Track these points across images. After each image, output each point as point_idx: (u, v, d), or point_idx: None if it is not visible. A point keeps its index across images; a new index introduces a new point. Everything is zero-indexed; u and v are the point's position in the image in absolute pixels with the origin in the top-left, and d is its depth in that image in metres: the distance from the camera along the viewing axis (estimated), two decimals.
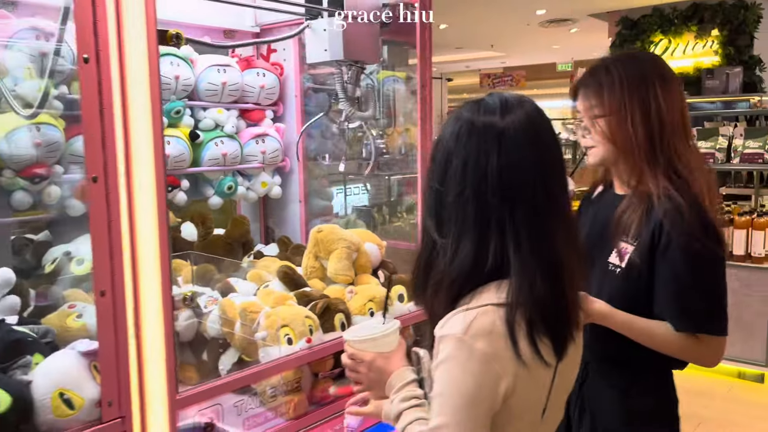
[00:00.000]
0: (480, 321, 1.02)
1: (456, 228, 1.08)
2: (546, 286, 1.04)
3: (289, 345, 1.79)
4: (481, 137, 1.07)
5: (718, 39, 8.22)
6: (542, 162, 1.08)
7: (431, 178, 1.13)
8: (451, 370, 1.03)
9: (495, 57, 13.96)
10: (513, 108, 1.09)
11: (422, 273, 1.15)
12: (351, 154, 2.70)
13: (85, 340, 1.44)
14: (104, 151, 1.32)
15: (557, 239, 1.07)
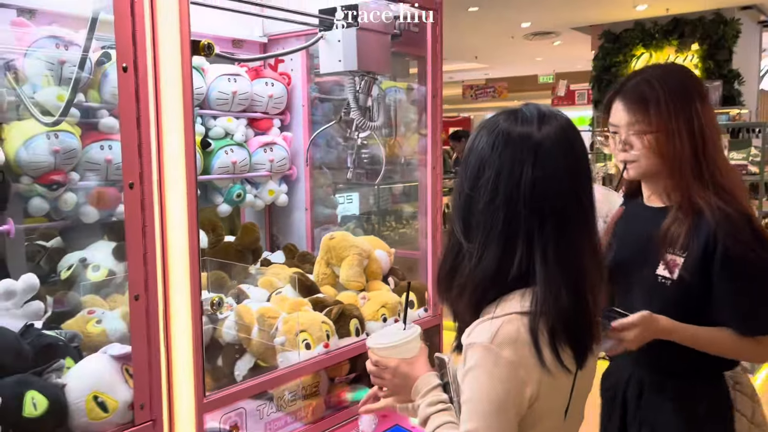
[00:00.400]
0: (505, 329, 1.07)
1: (483, 235, 1.11)
2: (570, 297, 1.08)
3: (308, 350, 1.81)
4: (516, 147, 1.10)
5: (698, 53, 8.43)
6: (574, 175, 1.12)
7: (462, 183, 1.16)
8: (479, 377, 1.08)
9: (478, 68, 14.11)
10: (549, 120, 1.12)
11: (447, 275, 1.19)
12: (358, 162, 2.74)
13: (116, 344, 1.46)
14: (140, 158, 1.34)
15: (583, 252, 1.12)
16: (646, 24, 8.70)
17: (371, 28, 2.08)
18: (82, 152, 1.88)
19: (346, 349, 1.90)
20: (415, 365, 1.30)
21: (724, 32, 8.17)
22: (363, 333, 2.00)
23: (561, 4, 8.00)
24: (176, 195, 1.42)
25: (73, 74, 1.80)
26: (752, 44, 9.10)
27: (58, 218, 1.92)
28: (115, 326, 1.72)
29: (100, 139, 1.92)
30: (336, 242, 2.13)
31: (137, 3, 1.31)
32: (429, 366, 1.31)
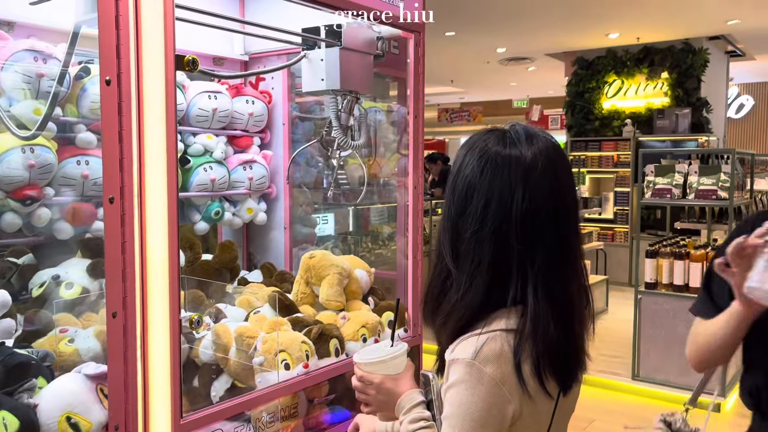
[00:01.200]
0: (489, 346, 1.06)
1: (472, 265, 1.09)
2: (559, 329, 1.07)
3: (287, 370, 1.79)
4: (506, 173, 1.07)
5: (667, 81, 8.65)
6: (563, 200, 1.10)
7: (450, 207, 1.14)
8: (461, 392, 1.06)
9: (454, 92, 14.29)
10: (537, 141, 1.10)
11: (434, 300, 1.17)
12: (336, 183, 2.74)
13: (92, 363, 1.42)
14: (122, 173, 1.32)
15: (571, 282, 1.11)
16: (618, 52, 8.92)
17: (354, 48, 2.09)
18: (58, 167, 1.85)
19: (326, 369, 1.87)
20: (400, 382, 1.29)
21: (693, 61, 8.41)
22: (343, 353, 1.98)
23: (535, 30, 8.17)
24: (157, 210, 1.39)
25: (51, 88, 1.78)
26: (720, 74, 9.39)
27: (31, 234, 1.87)
28: (88, 345, 1.67)
29: (77, 154, 1.89)
30: (316, 261, 2.12)
31: (122, 16, 1.29)
32: (414, 383, 1.30)
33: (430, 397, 1.25)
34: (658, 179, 5.02)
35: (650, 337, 4.92)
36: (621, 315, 6.98)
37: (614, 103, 9.03)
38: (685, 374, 4.82)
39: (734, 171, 4.69)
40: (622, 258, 8.57)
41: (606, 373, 5.17)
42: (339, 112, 2.17)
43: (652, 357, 4.93)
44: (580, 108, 9.23)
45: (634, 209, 8.51)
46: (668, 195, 4.94)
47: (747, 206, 5.42)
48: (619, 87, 8.99)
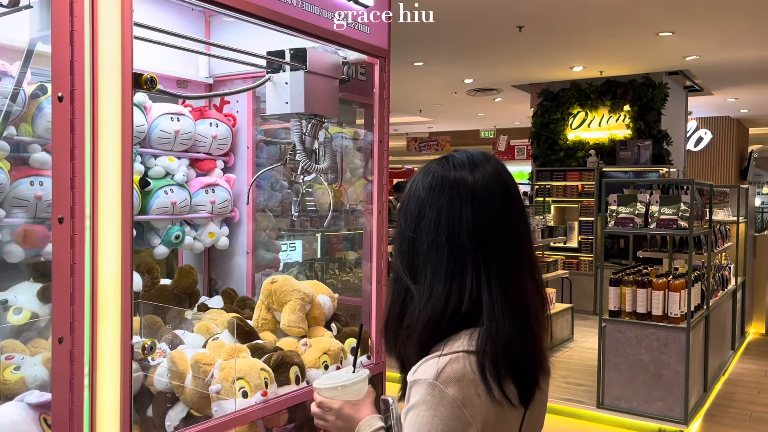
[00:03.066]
0: (451, 367, 1.04)
1: (431, 272, 1.11)
2: (514, 327, 1.08)
3: (245, 398, 1.73)
4: (453, 190, 1.12)
5: (629, 114, 8.88)
6: (511, 210, 1.14)
7: (404, 226, 1.17)
8: (421, 414, 1.04)
9: (422, 122, 14.44)
10: (481, 164, 1.16)
11: (395, 321, 1.17)
12: (302, 208, 2.71)
13: (35, 391, 1.35)
14: (72, 191, 1.28)
15: (525, 283, 1.12)
16: (582, 84, 9.14)
17: (319, 72, 2.08)
18: (10, 188, 1.78)
19: (286, 397, 1.82)
20: (360, 407, 1.27)
21: (653, 95, 8.66)
22: (303, 381, 1.93)
23: (502, 62, 8.34)
24: (110, 231, 1.35)
25: (3, 107, 1.73)
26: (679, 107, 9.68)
27: None
28: (35, 373, 1.60)
29: (30, 175, 1.83)
30: (278, 286, 2.08)
31: (77, 31, 1.26)
32: (374, 409, 1.28)
33: (390, 422, 1.22)
34: (621, 208, 5.11)
35: (614, 364, 4.95)
36: (586, 343, 7.02)
37: (578, 134, 9.22)
38: (648, 402, 4.85)
39: (694, 201, 4.80)
40: (586, 286, 8.66)
41: (572, 402, 5.17)
42: (303, 135, 2.16)
43: (616, 384, 4.96)
44: (546, 138, 9.40)
45: (598, 238, 8.64)
46: (631, 224, 5.02)
47: (706, 235, 5.53)
48: (583, 118, 9.19)
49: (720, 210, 6.70)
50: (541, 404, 1.18)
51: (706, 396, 5.42)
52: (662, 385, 4.80)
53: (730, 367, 6.50)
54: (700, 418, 5.05)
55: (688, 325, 4.70)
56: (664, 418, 4.76)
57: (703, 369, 5.34)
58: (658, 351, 4.79)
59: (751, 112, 13.13)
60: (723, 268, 6.33)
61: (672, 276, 4.92)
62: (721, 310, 6.07)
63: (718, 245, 6.00)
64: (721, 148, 13.98)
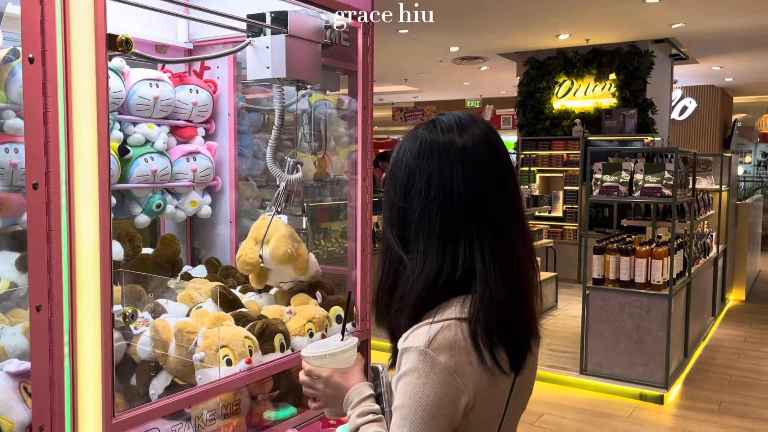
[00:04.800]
0: (443, 335, 1.04)
1: (423, 242, 1.10)
2: (507, 291, 1.07)
3: (229, 366, 1.72)
4: (443, 156, 1.10)
5: (615, 82, 8.86)
6: (502, 174, 1.12)
7: (393, 195, 1.14)
8: (413, 382, 1.03)
9: (408, 91, 14.32)
10: (469, 126, 1.13)
11: (387, 292, 1.15)
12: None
13: (14, 360, 1.33)
14: (47, 156, 1.24)
15: (517, 247, 1.12)
16: (568, 53, 9.09)
17: (301, 36, 2.04)
18: None
19: (271, 365, 1.82)
20: (349, 375, 1.26)
21: (639, 63, 8.63)
22: (288, 348, 1.93)
23: (488, 30, 8.25)
24: (87, 198, 1.32)
25: None
26: (664, 76, 9.66)
27: None
28: (15, 342, 1.58)
29: (5, 142, 1.78)
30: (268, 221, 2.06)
31: None
32: (364, 377, 1.27)
33: (380, 390, 1.22)
34: (605, 177, 5.12)
35: (597, 331, 5.02)
36: (570, 311, 7.11)
37: (564, 103, 9.20)
38: (629, 367, 4.93)
39: (677, 169, 4.82)
40: (571, 255, 8.73)
41: (555, 368, 5.24)
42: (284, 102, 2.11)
43: (599, 351, 5.03)
44: (531, 108, 9.37)
45: (582, 207, 8.69)
46: (615, 193, 5.04)
47: (689, 204, 5.58)
48: (568, 87, 9.16)
49: (703, 178, 6.75)
50: (531, 369, 1.18)
51: (687, 361, 5.52)
52: (644, 351, 4.87)
53: (710, 332, 6.62)
54: (680, 382, 5.15)
55: (670, 292, 4.76)
56: (645, 382, 4.85)
57: (683, 335, 5.43)
58: (641, 318, 4.86)
59: (735, 81, 13.16)
60: (705, 236, 6.39)
61: (655, 244, 4.97)
62: (702, 277, 6.15)
63: (700, 213, 6.06)
64: (706, 117, 14.04)
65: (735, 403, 4.76)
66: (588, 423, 4.40)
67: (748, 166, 17.84)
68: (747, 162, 18.03)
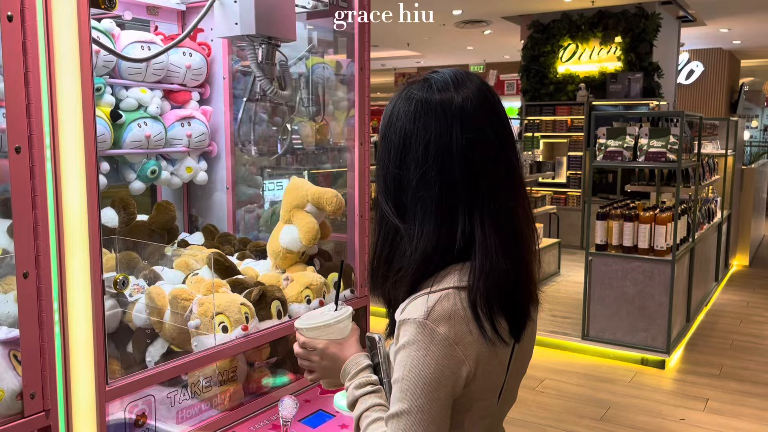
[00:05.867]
0: (442, 305, 1.01)
1: (420, 212, 1.05)
2: (508, 260, 1.04)
3: (225, 333, 1.71)
4: (440, 116, 1.04)
5: (620, 46, 8.71)
6: (500, 132, 1.08)
7: (387, 163, 1.09)
8: (412, 354, 1.01)
9: (411, 56, 14.13)
10: (465, 82, 1.08)
11: (384, 262, 1.11)
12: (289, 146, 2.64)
13: (3, 327, 1.31)
14: (29, 119, 1.20)
15: (517, 213, 1.08)
16: (573, 16, 8.92)
17: None
18: None
19: (267, 332, 1.80)
20: (345, 346, 1.23)
21: (646, 26, 8.47)
22: (285, 315, 1.91)
23: None
24: (73, 161, 1.28)
25: None
26: (671, 39, 9.49)
27: None
28: (7, 310, 1.56)
29: None
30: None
31: None
32: (360, 347, 1.24)
33: (377, 360, 1.18)
34: (609, 142, 5.05)
35: (600, 297, 5.01)
36: (572, 277, 7.10)
37: (569, 68, 9.06)
38: (631, 333, 4.93)
39: (683, 133, 4.75)
40: (574, 222, 8.70)
41: (557, 334, 5.26)
42: (261, 62, 2.02)
43: (601, 317, 5.03)
44: (535, 72, 9.23)
45: (586, 173, 8.61)
46: (619, 158, 4.98)
47: (694, 168, 5.51)
48: (573, 51, 9.01)
49: (709, 143, 6.66)
50: (530, 334, 1.16)
51: (689, 326, 5.53)
52: (646, 316, 4.87)
53: (713, 298, 6.62)
54: (682, 347, 5.16)
55: (673, 257, 4.74)
56: (646, 348, 4.86)
57: (686, 300, 5.42)
58: (643, 283, 4.85)
59: (743, 44, 12.93)
60: (710, 201, 6.34)
61: (659, 209, 4.92)
62: (706, 242, 6.12)
63: (705, 178, 6.00)
64: (712, 81, 13.84)
65: (736, 368, 4.77)
66: (589, 388, 4.42)
67: (754, 131, 17.65)
68: (753, 126, 17.83)
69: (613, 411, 4.05)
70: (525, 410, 4.02)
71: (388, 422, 1.03)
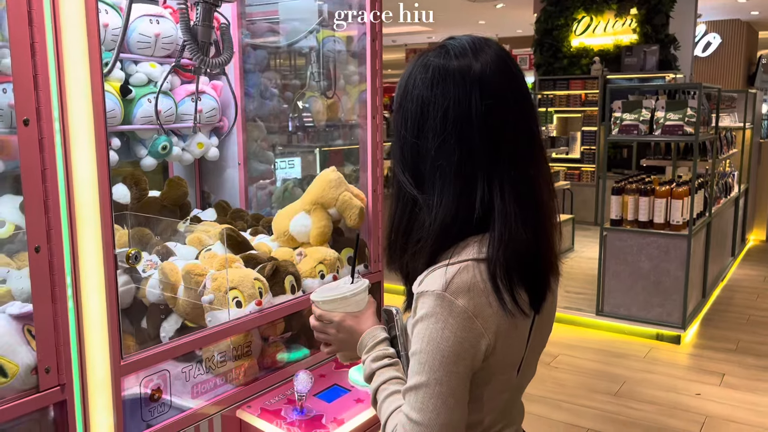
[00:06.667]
0: (461, 277, 0.98)
1: (439, 181, 1.02)
2: (528, 229, 1.01)
3: (238, 308, 1.70)
4: (458, 83, 1.01)
5: (636, 18, 8.53)
6: (521, 100, 1.04)
7: (404, 133, 1.06)
8: (430, 327, 0.98)
9: (422, 32, 13.97)
10: (483, 48, 1.04)
11: (402, 234, 1.09)
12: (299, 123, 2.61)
13: (17, 302, 1.31)
14: (36, 91, 1.18)
15: (537, 181, 1.05)
16: None
17: None
18: None
19: (281, 306, 1.79)
20: (362, 319, 1.21)
21: None
22: (299, 290, 1.90)
23: None
24: (82, 133, 1.26)
25: None
26: (688, 10, 9.28)
27: None
28: (21, 286, 1.56)
29: (2, 82, 1.72)
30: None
31: None
32: (377, 320, 1.23)
33: (394, 333, 1.17)
34: (625, 115, 4.97)
35: (614, 273, 4.97)
36: (587, 253, 7.06)
37: (583, 41, 8.91)
38: (646, 308, 4.90)
39: (701, 106, 4.65)
40: (588, 197, 8.62)
41: (571, 310, 5.23)
42: (194, 25, 1.93)
43: (616, 292, 5.00)
44: (549, 46, 9.09)
45: (600, 148, 8.52)
46: (635, 131, 4.90)
47: (712, 142, 5.42)
48: (587, 24, 8.85)
49: (726, 116, 6.54)
50: (550, 306, 1.13)
51: (705, 301, 5.48)
52: (661, 291, 4.83)
53: (729, 273, 6.55)
54: (698, 322, 5.12)
55: (689, 232, 4.68)
56: (662, 323, 4.82)
57: (702, 275, 5.37)
58: (659, 258, 4.80)
59: (761, 14, 12.65)
60: (727, 175, 6.25)
61: (675, 184, 4.85)
62: (723, 217, 6.04)
63: (723, 152, 5.90)
64: (730, 54, 13.58)
65: (753, 343, 4.73)
66: (604, 363, 4.40)
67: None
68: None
69: (627, 386, 4.04)
70: (539, 385, 4.02)
71: (405, 395, 1.01)
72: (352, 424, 1.65)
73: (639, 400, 3.85)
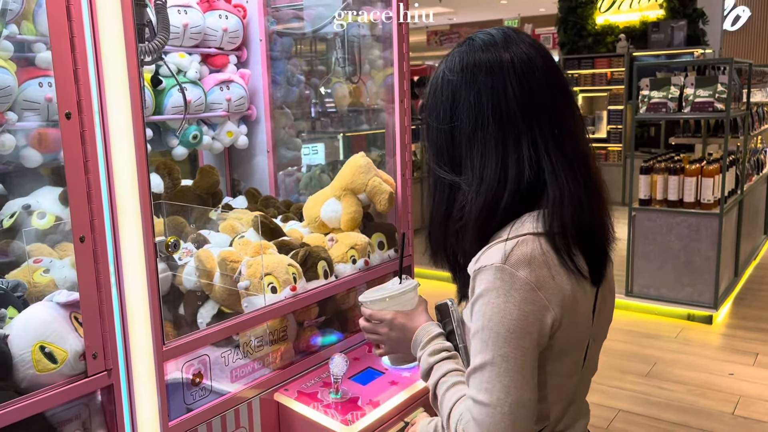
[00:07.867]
0: (520, 249, 0.95)
1: (477, 154, 1.02)
2: (579, 186, 1.00)
3: (274, 294, 1.73)
4: (489, 71, 1.02)
5: None
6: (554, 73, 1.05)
7: (436, 122, 1.07)
8: (492, 301, 0.94)
9: (443, 13, 13.84)
10: (513, 40, 1.04)
11: (442, 221, 1.08)
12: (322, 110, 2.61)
13: (64, 291, 1.35)
14: (77, 85, 1.21)
15: (579, 139, 1.05)
16: None
17: None
18: (18, 90, 1.72)
19: (314, 291, 1.82)
20: (413, 316, 1.20)
21: None
22: (332, 275, 1.92)
23: None
24: (121, 125, 1.29)
25: (4, 4, 1.63)
26: None
27: None
28: (64, 275, 1.60)
29: (38, 76, 1.76)
30: None
31: None
32: (429, 317, 1.20)
33: (450, 327, 1.14)
34: (653, 93, 4.89)
35: (644, 253, 4.92)
36: None
37: (608, 18, 8.76)
38: (677, 288, 4.85)
39: (731, 82, 4.56)
40: (615, 177, 8.52)
41: None
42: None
43: (645, 273, 4.95)
44: (573, 24, 8.95)
45: (627, 127, 8.39)
46: (664, 109, 4.83)
47: (743, 118, 5.31)
48: (612, 0, 8.69)
49: (758, 91, 6.40)
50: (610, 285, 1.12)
51: (737, 281, 5.40)
52: (692, 271, 4.78)
53: (762, 251, 6.44)
54: (730, 301, 5.06)
55: (721, 210, 4.61)
56: (693, 303, 4.77)
57: (734, 254, 5.29)
58: (689, 238, 4.74)
59: None
60: (759, 151, 6.13)
61: (705, 161, 4.77)
62: (755, 194, 5.93)
63: (754, 128, 5.78)
64: (760, 27, 13.21)
65: None
66: (634, 344, 4.38)
67: None
68: None
69: (659, 367, 4.02)
70: None
71: (469, 378, 0.97)
72: (388, 405, 1.68)
73: (671, 380, 3.83)
